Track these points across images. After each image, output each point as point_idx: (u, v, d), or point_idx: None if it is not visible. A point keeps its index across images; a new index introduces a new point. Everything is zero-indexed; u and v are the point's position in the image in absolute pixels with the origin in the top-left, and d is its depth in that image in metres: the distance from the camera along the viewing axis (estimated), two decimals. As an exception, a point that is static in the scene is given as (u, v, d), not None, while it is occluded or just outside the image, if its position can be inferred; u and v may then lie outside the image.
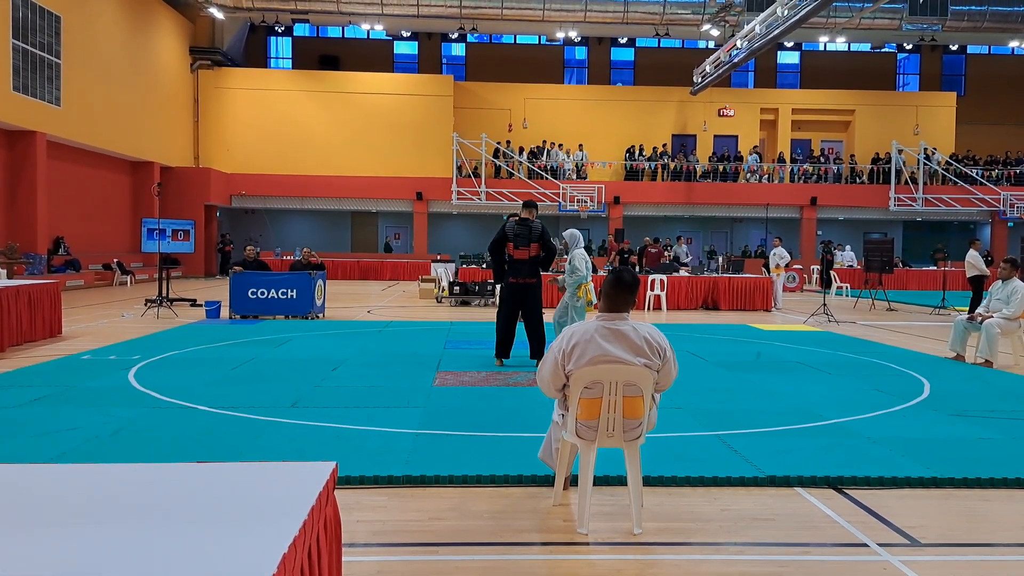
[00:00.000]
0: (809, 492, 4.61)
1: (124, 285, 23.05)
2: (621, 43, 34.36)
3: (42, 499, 2.23)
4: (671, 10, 28.50)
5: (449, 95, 31.79)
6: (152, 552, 1.84)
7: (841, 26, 28.64)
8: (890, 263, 19.28)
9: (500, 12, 28.42)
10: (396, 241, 34.14)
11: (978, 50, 36.67)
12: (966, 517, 4.29)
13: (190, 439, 5.47)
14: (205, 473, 2.53)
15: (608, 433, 3.97)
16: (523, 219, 9.00)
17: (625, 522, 4.07)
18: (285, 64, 35.53)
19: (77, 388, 7.21)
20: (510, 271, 9.01)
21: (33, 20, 19.72)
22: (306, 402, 6.75)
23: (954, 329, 10.04)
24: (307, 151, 31.03)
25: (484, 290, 17.94)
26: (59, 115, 21.03)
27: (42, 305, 10.72)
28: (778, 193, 31.82)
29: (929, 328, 14.16)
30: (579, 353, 3.94)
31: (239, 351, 9.76)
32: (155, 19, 27.19)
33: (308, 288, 13.66)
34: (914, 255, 33.18)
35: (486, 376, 8.25)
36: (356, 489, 4.53)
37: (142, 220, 16.18)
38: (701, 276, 18.13)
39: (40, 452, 5.07)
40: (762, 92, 35.02)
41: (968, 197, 31.64)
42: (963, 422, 6.31)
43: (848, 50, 36.32)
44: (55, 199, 21.60)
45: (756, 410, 6.68)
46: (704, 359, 9.70)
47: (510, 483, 4.66)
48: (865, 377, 8.50)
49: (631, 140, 32.85)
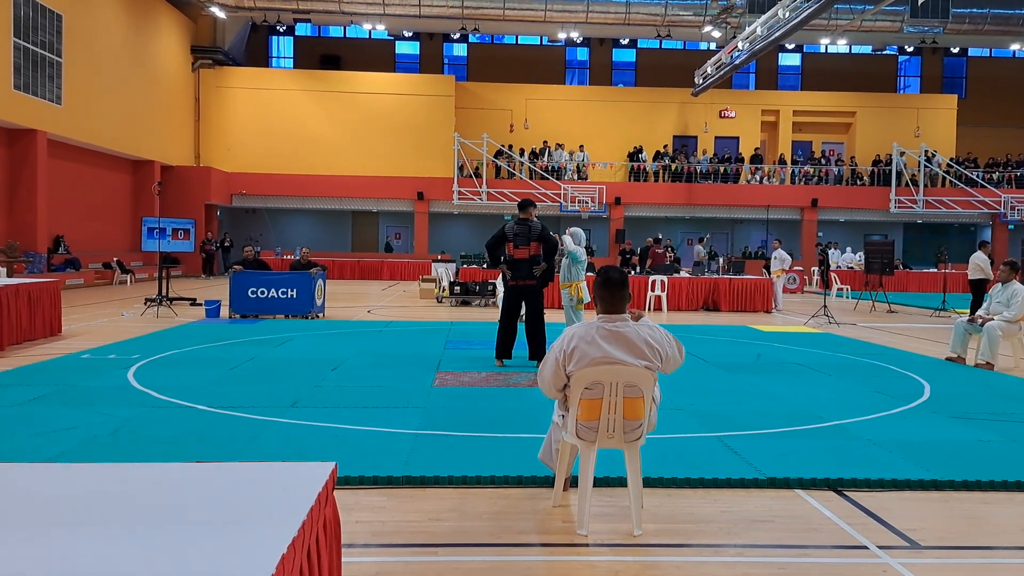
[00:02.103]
0: (809, 494, 4.60)
1: (124, 284, 23.05)
2: (623, 44, 34.39)
3: (40, 499, 2.23)
4: (673, 11, 28.52)
5: (451, 95, 31.80)
6: (150, 552, 1.83)
7: (842, 28, 28.65)
8: (891, 265, 19.27)
9: (502, 12, 28.45)
10: (397, 241, 34.15)
11: (979, 53, 36.68)
12: (966, 520, 4.28)
13: (189, 439, 5.46)
14: (204, 473, 2.53)
15: (608, 434, 3.97)
16: (522, 219, 9.01)
17: (625, 523, 4.07)
18: (287, 64, 35.55)
19: (76, 387, 7.21)
20: (511, 272, 9.02)
21: (34, 19, 19.73)
22: (306, 402, 6.75)
23: (954, 331, 10.03)
24: (308, 151, 31.04)
25: (485, 290, 17.93)
26: (60, 114, 21.04)
27: (42, 304, 10.71)
28: (779, 195, 31.82)
29: (929, 330, 14.15)
30: (580, 354, 3.94)
31: (238, 351, 9.75)
32: (157, 18, 27.20)
33: (308, 288, 13.66)
34: (915, 257, 33.19)
35: (486, 377, 8.24)
36: (355, 489, 4.52)
37: (142, 219, 16.18)
38: (702, 277, 18.12)
39: (39, 451, 5.06)
40: (763, 94, 35.02)
41: (969, 199, 31.65)
42: (963, 424, 6.31)
43: (849, 52, 36.32)
44: (55, 198, 21.61)
45: (756, 412, 6.67)
46: (704, 360, 9.69)
47: (510, 484, 4.65)
48: (865, 379, 8.49)
49: (632, 141, 32.85)
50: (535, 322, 9.09)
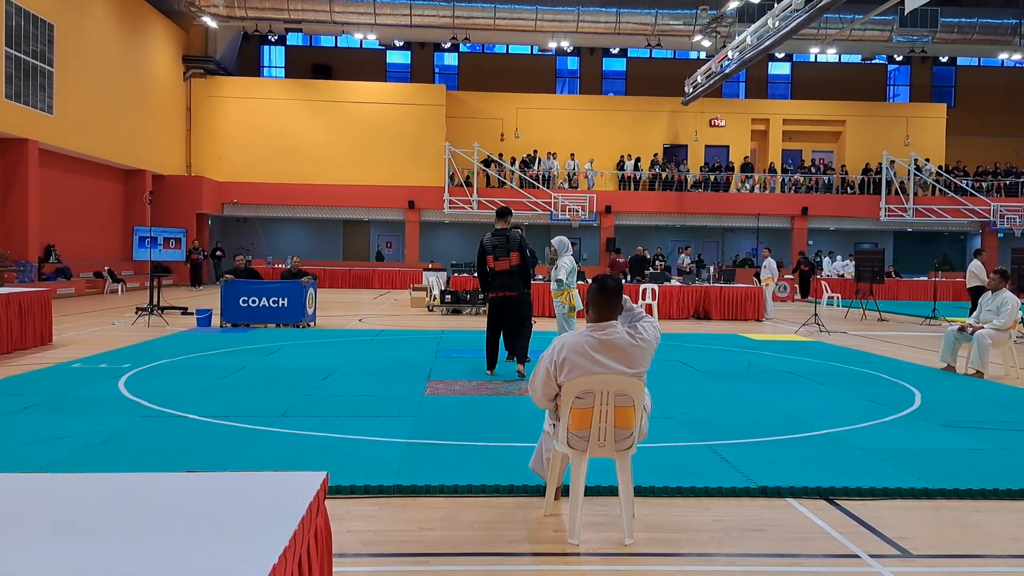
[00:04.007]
0: (800, 503, 4.61)
1: (115, 293, 22.97)
2: (613, 53, 34.52)
3: (31, 508, 2.22)
4: (663, 21, 28.66)
5: (441, 104, 31.85)
6: (141, 562, 1.83)
7: (832, 38, 28.84)
8: (881, 273, 19.36)
9: (493, 22, 28.54)
10: (388, 250, 34.13)
11: (968, 62, 36.95)
12: (957, 528, 4.29)
13: (180, 448, 5.44)
14: (195, 482, 2.52)
15: (599, 443, 3.97)
16: (499, 230, 8.72)
17: (616, 532, 4.06)
18: (278, 73, 35.56)
19: (67, 396, 7.17)
20: (493, 284, 8.75)
21: (26, 28, 19.69)
22: (297, 411, 6.73)
23: (945, 340, 10.06)
24: (300, 160, 31.02)
25: (475, 299, 17.93)
26: (51, 123, 20.98)
27: (32, 313, 10.67)
28: (769, 203, 31.94)
29: (920, 338, 14.21)
30: (571, 364, 3.94)
31: (230, 359, 9.72)
32: (148, 28, 27.18)
33: (299, 297, 13.64)
34: (905, 265, 33.32)
35: (477, 385, 8.23)
36: (346, 499, 4.51)
37: (134, 228, 16.13)
38: (692, 286, 18.16)
39: (29, 461, 5.03)
40: (753, 103, 35.16)
41: (958, 208, 31.82)
42: (954, 433, 6.33)
43: (839, 61, 36.56)
44: (47, 207, 21.53)
45: (747, 420, 6.68)
46: (695, 369, 9.71)
47: (501, 493, 4.65)
48: (856, 387, 8.51)
49: (623, 150, 32.93)
50: (513, 332, 8.83)
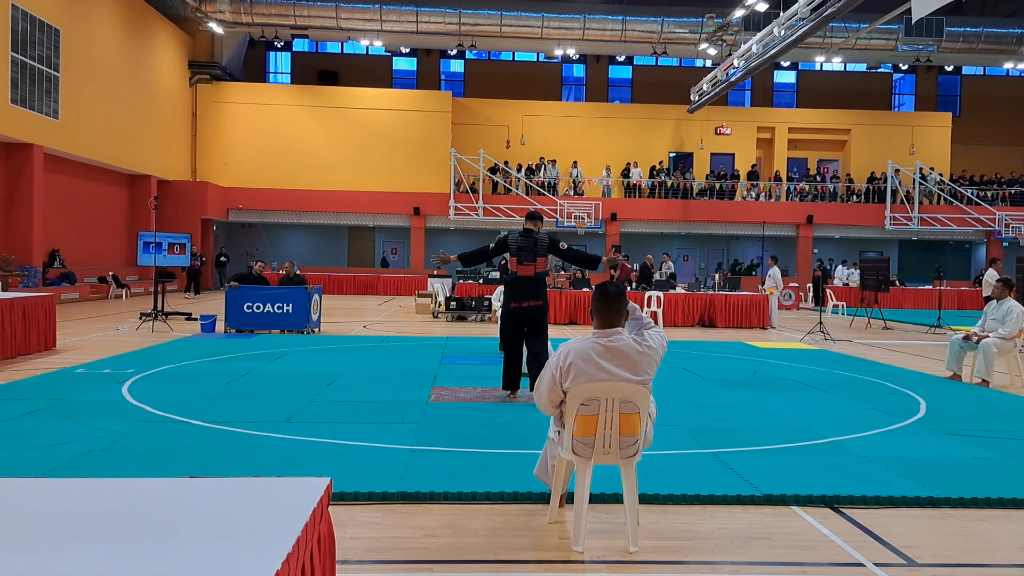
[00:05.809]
0: (805, 511, 4.59)
1: (119, 298, 23.01)
2: (619, 61, 34.54)
3: (34, 514, 2.21)
4: (669, 29, 28.71)
5: (447, 111, 31.88)
6: (144, 568, 1.82)
7: (837, 46, 28.84)
8: (886, 282, 19.32)
9: (499, 29, 28.62)
10: (393, 256, 34.15)
11: (973, 71, 36.93)
12: (962, 537, 4.27)
13: (183, 454, 5.43)
14: (198, 488, 2.52)
15: (604, 450, 3.96)
16: (527, 229, 7.87)
17: (621, 540, 4.05)
18: (284, 79, 35.66)
19: (71, 402, 7.18)
20: (512, 292, 7.77)
21: (32, 33, 19.78)
22: (301, 417, 6.72)
23: (950, 348, 10.04)
24: (305, 166, 31.07)
25: (481, 305, 17.93)
26: (57, 128, 21.05)
27: (37, 318, 10.69)
28: (775, 211, 31.90)
29: (925, 347, 14.17)
30: (576, 371, 3.94)
31: (234, 365, 9.73)
32: (154, 33, 27.29)
33: (304, 303, 13.65)
34: (910, 274, 33.26)
35: (482, 392, 8.22)
36: (350, 505, 4.50)
37: (138, 233, 16.17)
38: (697, 293, 18.14)
39: (32, 466, 5.04)
40: (759, 111, 35.19)
41: (963, 217, 31.77)
42: (959, 441, 6.30)
43: (844, 70, 36.55)
44: (51, 212, 21.60)
45: (752, 428, 6.67)
46: (700, 376, 9.69)
47: (505, 500, 4.64)
48: (861, 396, 8.49)
49: (628, 157, 32.94)
50: (536, 351, 7.65)
